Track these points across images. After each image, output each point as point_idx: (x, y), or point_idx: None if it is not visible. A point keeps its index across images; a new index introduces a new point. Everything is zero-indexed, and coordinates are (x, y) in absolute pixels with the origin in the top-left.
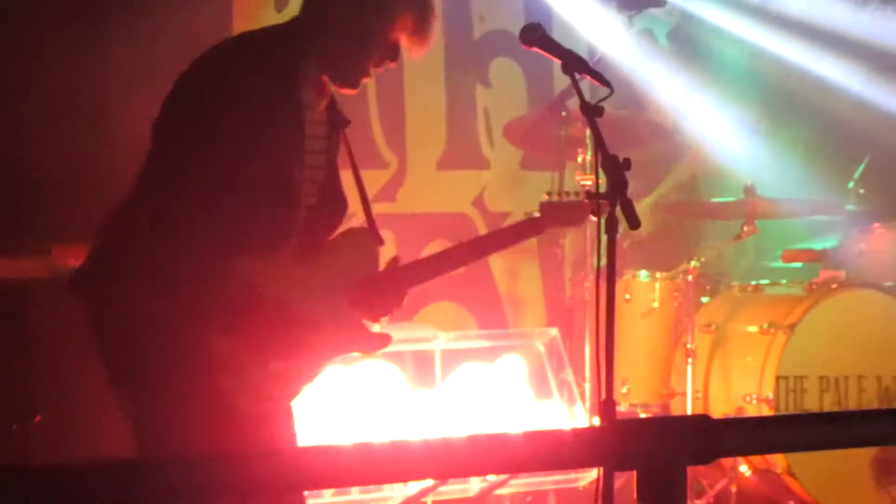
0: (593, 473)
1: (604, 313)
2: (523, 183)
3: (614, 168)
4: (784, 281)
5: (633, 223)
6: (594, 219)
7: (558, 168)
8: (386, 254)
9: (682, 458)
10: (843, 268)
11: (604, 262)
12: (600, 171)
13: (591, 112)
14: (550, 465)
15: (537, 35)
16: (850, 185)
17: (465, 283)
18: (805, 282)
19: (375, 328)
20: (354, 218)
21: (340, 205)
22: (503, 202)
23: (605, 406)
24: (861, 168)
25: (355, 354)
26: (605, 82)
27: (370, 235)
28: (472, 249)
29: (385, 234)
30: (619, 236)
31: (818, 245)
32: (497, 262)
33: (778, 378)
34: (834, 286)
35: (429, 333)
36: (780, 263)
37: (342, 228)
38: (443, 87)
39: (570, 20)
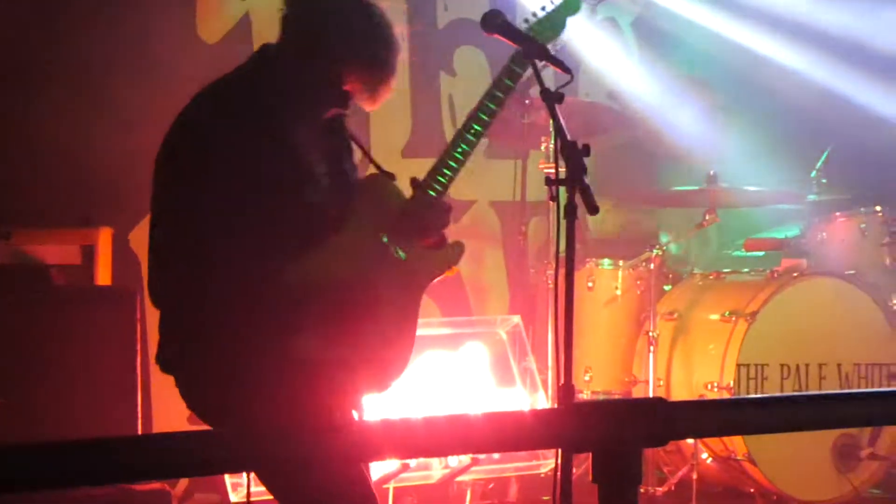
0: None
1: (563, 298)
2: (487, 171)
3: (573, 154)
4: (746, 269)
5: (592, 209)
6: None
7: (522, 156)
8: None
9: (637, 440)
10: (805, 256)
11: (563, 247)
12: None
13: (551, 98)
14: (507, 447)
15: (498, 22)
16: (813, 174)
17: None
18: (767, 270)
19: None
20: None
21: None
22: (467, 190)
23: (564, 390)
24: (823, 157)
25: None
26: (564, 69)
27: (381, 176)
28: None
29: None
30: (589, 233)
31: (780, 234)
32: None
33: (739, 366)
34: (795, 274)
35: None
36: (742, 252)
37: None
38: (407, 76)
39: (533, 9)
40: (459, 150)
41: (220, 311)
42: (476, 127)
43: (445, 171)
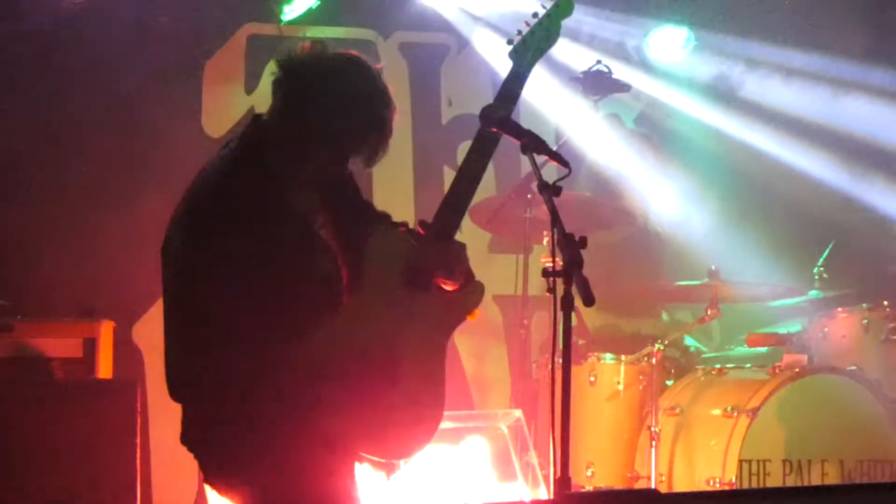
0: None
1: (560, 389)
2: (490, 265)
3: (570, 246)
4: (748, 365)
5: (588, 300)
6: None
7: (524, 250)
8: None
9: None
10: (807, 352)
11: (561, 338)
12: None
13: (549, 191)
14: None
15: (497, 116)
16: (815, 270)
17: None
18: (769, 366)
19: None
20: None
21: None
22: None
23: (560, 483)
24: (825, 253)
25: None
26: (563, 163)
27: (390, 227)
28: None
29: None
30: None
31: (783, 329)
32: (464, 344)
33: (741, 461)
34: (797, 370)
35: None
36: (745, 348)
37: None
38: (411, 170)
39: (537, 104)
40: (465, 190)
41: (244, 394)
42: (481, 164)
43: (454, 210)
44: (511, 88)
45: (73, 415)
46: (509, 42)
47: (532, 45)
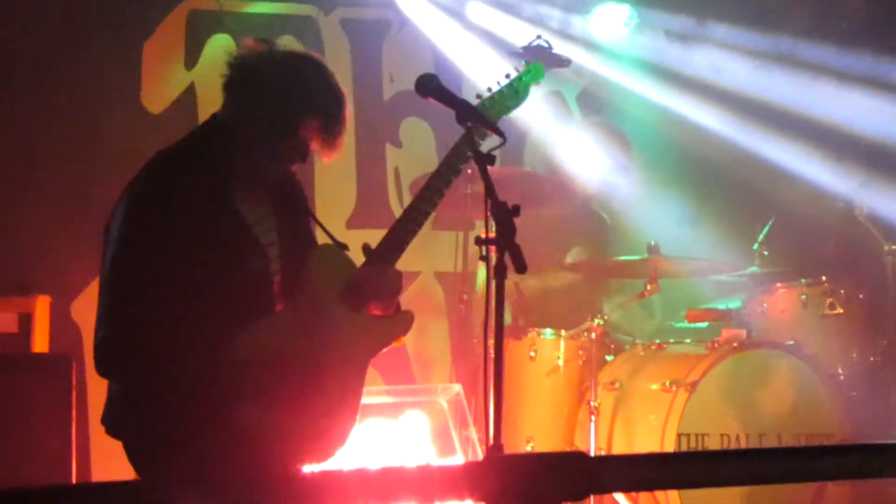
0: None
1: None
2: (433, 243)
3: (503, 214)
4: (688, 340)
5: (520, 267)
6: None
7: (465, 227)
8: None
9: (558, 493)
10: (746, 327)
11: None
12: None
13: (483, 160)
14: (430, 499)
15: (432, 86)
16: (755, 246)
17: None
18: (708, 341)
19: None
20: None
21: (308, 241)
22: (414, 261)
23: (492, 450)
24: (765, 229)
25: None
26: (498, 132)
27: (333, 246)
28: (422, 197)
29: None
30: (528, 302)
31: (722, 305)
32: None
33: (679, 435)
34: (735, 345)
35: None
36: (684, 323)
37: None
38: (353, 147)
39: (478, 80)
40: (413, 221)
41: (166, 378)
42: (431, 202)
43: (399, 239)
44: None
45: (7, 388)
46: (478, 97)
47: (497, 104)
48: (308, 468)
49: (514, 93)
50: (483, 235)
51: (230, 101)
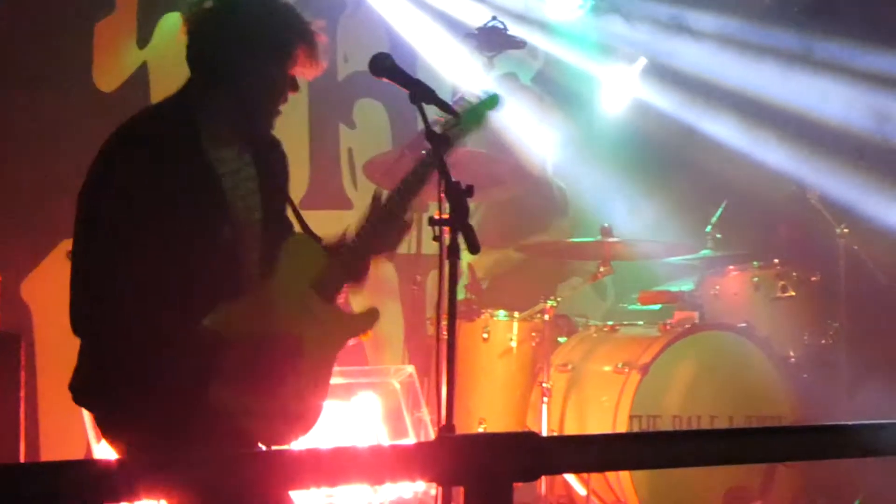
0: None
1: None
2: None
3: (456, 194)
4: (640, 322)
5: (474, 248)
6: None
7: (420, 208)
8: None
9: (508, 473)
10: (698, 310)
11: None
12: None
13: (436, 140)
14: (379, 479)
15: (386, 65)
16: (708, 229)
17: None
18: (660, 323)
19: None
20: None
21: (286, 224)
22: None
23: (443, 430)
24: (718, 213)
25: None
26: (451, 112)
27: (308, 236)
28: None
29: None
30: (480, 280)
31: (675, 287)
32: (357, 301)
33: (631, 417)
34: (687, 326)
35: None
36: (637, 305)
37: None
38: (306, 128)
39: (434, 62)
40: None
41: (137, 349)
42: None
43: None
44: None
45: None
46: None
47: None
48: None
49: (472, 117)
50: (437, 216)
51: (189, 60)
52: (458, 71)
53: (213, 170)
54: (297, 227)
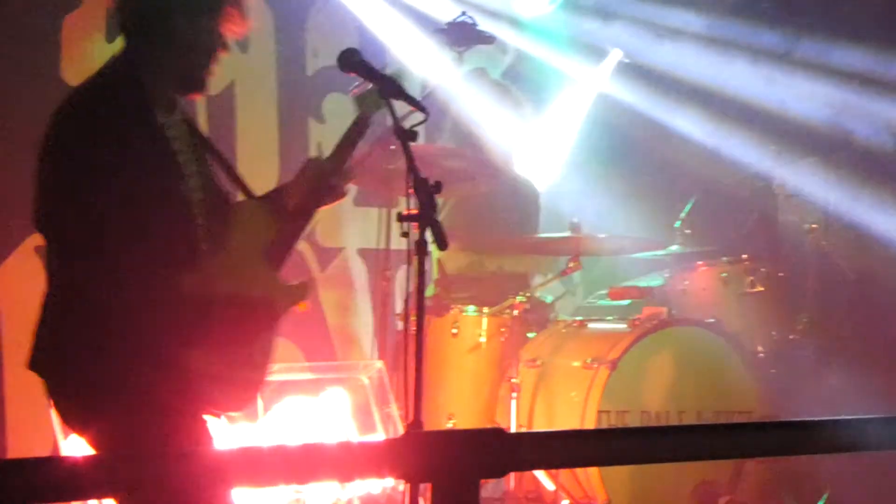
0: None
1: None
2: (355, 219)
3: (424, 191)
4: (610, 317)
5: (442, 244)
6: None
7: (388, 203)
8: None
9: (476, 470)
10: (667, 305)
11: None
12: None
13: (404, 136)
14: (347, 476)
15: (354, 60)
16: (677, 224)
17: (293, 317)
18: (629, 318)
19: None
20: None
21: (224, 196)
22: (336, 238)
23: (411, 426)
24: (687, 208)
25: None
26: (420, 107)
27: (257, 202)
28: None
29: None
30: (449, 272)
31: (644, 283)
32: (327, 296)
33: (600, 412)
34: (656, 322)
35: None
36: (607, 301)
37: None
38: (275, 122)
39: (403, 57)
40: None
41: (126, 309)
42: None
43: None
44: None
45: None
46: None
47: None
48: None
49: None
50: (405, 212)
51: (131, 34)
52: (427, 66)
53: (165, 135)
54: (238, 194)
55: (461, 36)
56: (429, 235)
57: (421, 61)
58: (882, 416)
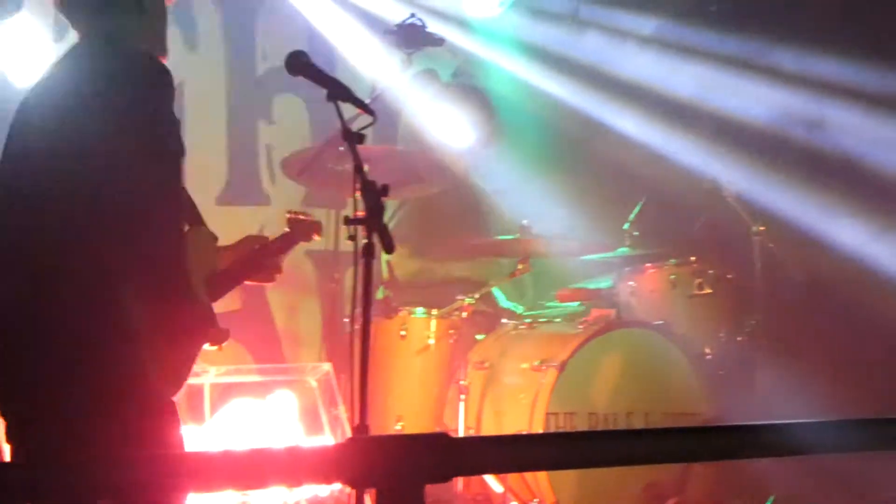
0: None
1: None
2: None
3: (371, 194)
4: (558, 319)
5: (388, 248)
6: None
7: (338, 205)
8: None
9: (420, 475)
10: (615, 307)
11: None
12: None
13: (351, 138)
14: (290, 481)
15: (301, 62)
16: (625, 226)
17: (241, 319)
18: (578, 320)
19: None
20: None
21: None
22: None
23: (357, 431)
24: (636, 211)
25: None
26: (367, 110)
27: (210, 234)
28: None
29: None
30: (398, 277)
31: (593, 285)
32: (275, 298)
33: (548, 414)
34: (604, 324)
35: (197, 367)
36: (556, 303)
37: None
38: (224, 124)
39: (353, 59)
40: None
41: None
42: None
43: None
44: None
45: None
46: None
47: None
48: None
49: None
50: (353, 216)
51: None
52: (376, 68)
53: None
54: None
55: (410, 38)
56: (376, 239)
57: (370, 63)
58: (828, 419)
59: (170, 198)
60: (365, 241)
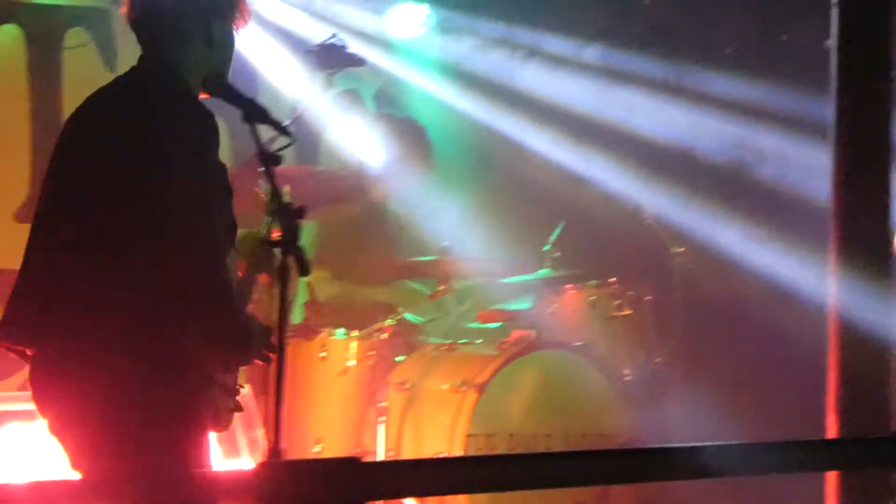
0: None
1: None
2: None
3: (287, 216)
4: (479, 340)
5: (304, 271)
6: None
7: (257, 225)
8: None
9: (331, 501)
10: (536, 328)
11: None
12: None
13: (268, 160)
14: None
15: (218, 83)
16: (546, 248)
17: None
18: (499, 341)
19: None
20: None
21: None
22: None
23: (271, 455)
24: (556, 232)
25: None
26: (284, 132)
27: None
28: None
29: None
30: (319, 298)
31: (513, 306)
32: None
33: (468, 436)
34: (524, 345)
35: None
36: (477, 323)
37: None
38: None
39: (274, 79)
40: None
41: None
42: None
43: None
44: None
45: None
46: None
47: None
48: None
49: None
50: (267, 237)
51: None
52: (298, 88)
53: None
54: None
55: (331, 58)
56: (291, 261)
57: (291, 84)
58: (745, 442)
59: (217, 279)
60: (280, 263)
